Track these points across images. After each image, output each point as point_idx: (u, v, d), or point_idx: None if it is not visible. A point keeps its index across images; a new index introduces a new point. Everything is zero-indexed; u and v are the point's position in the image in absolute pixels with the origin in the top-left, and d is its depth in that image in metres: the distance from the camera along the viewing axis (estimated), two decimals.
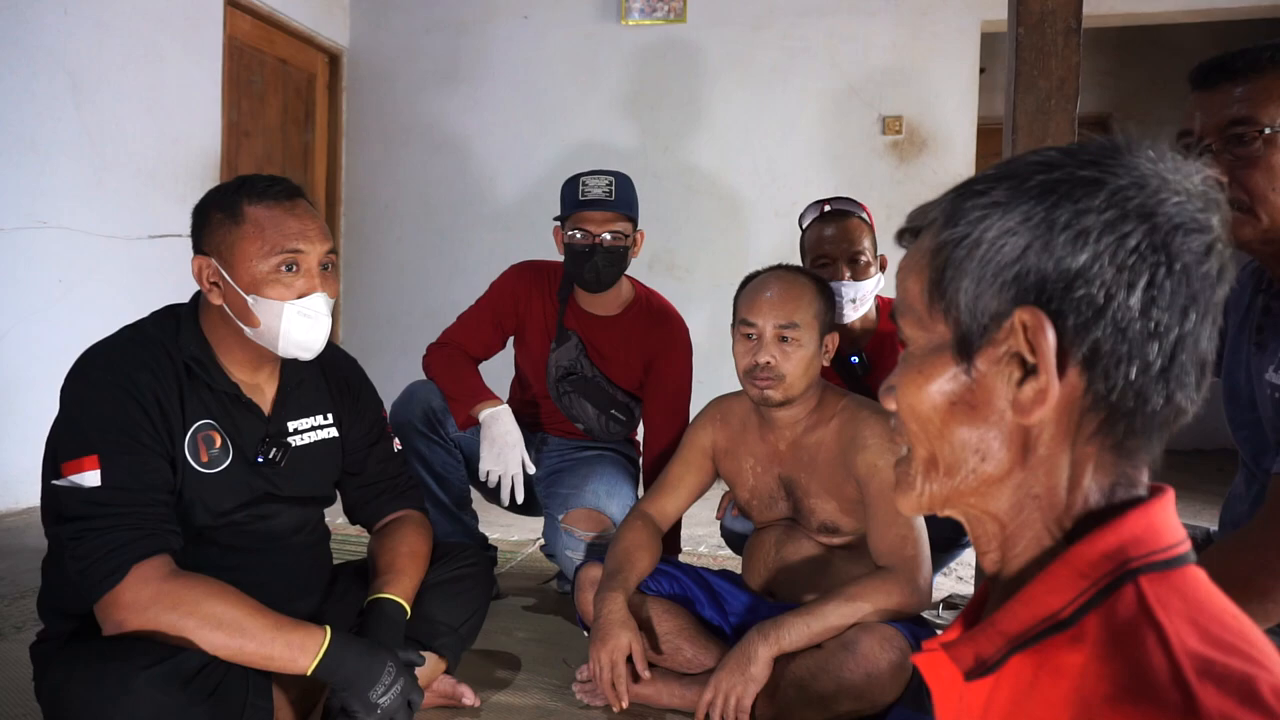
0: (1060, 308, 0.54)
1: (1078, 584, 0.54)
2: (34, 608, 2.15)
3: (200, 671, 1.25)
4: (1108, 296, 0.53)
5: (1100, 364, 0.54)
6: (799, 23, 4.37)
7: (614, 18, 4.53)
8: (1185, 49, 5.12)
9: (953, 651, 0.59)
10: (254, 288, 1.37)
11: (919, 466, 0.61)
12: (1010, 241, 0.55)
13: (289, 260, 1.38)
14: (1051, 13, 1.65)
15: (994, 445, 0.58)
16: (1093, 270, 0.53)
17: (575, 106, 4.61)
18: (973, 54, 4.26)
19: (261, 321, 1.38)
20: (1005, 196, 0.56)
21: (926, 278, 0.60)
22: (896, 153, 4.33)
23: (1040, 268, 0.54)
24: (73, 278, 3.30)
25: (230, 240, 1.37)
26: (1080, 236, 0.53)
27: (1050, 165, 0.56)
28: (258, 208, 1.37)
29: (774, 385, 1.68)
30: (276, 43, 4.40)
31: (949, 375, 0.59)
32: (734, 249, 4.43)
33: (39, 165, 3.16)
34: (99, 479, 1.27)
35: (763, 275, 1.76)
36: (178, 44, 3.74)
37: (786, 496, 1.80)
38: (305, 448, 1.54)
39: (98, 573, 1.25)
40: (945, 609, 2.34)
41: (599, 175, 2.32)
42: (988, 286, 0.56)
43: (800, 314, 1.68)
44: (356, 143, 4.85)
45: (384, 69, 4.82)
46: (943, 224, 0.59)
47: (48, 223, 3.19)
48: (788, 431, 1.78)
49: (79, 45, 3.29)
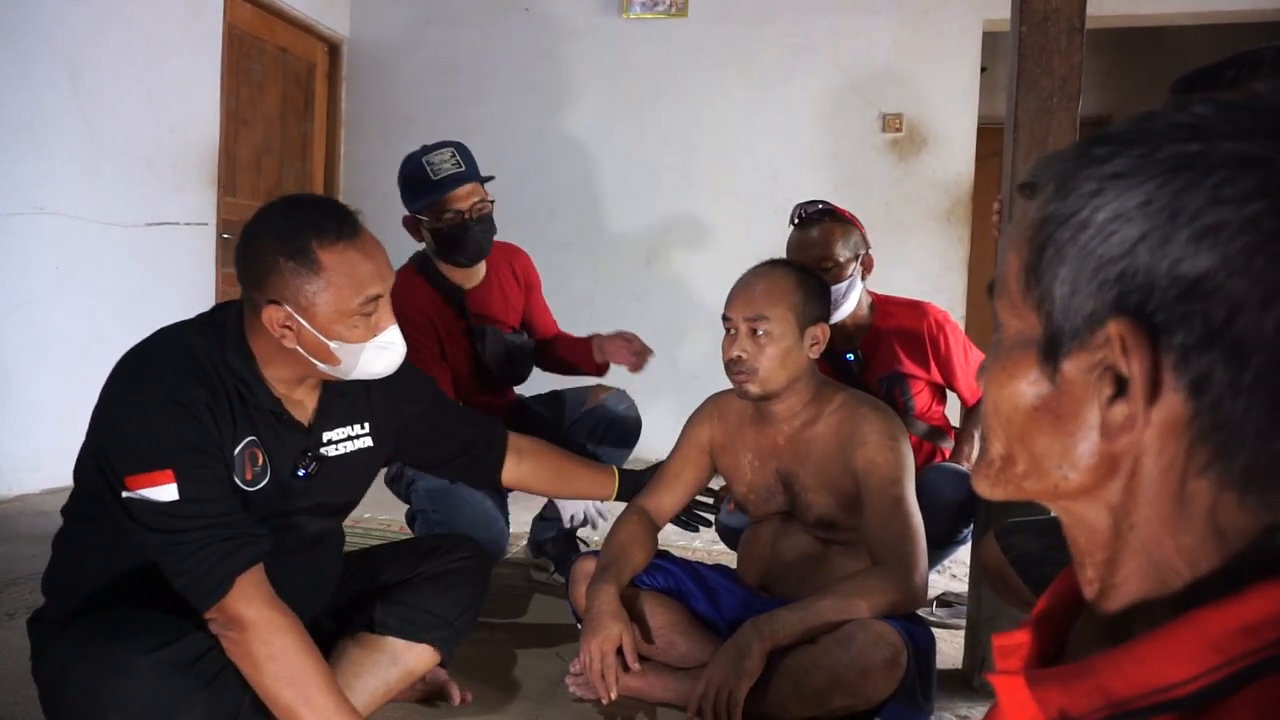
0: (1168, 320, 0.44)
1: (1208, 658, 0.43)
2: (25, 595, 2.15)
3: (200, 659, 1.25)
4: (1231, 313, 0.42)
5: (1210, 393, 0.44)
6: (801, 19, 4.36)
7: (615, 11, 4.51)
8: (1186, 51, 5.12)
9: (1038, 691, 0.48)
10: (335, 334, 1.34)
11: (996, 460, 0.54)
12: (1123, 229, 0.45)
13: (371, 308, 1.36)
14: (1055, 11, 1.65)
15: (1081, 461, 0.49)
16: (1217, 280, 0.42)
17: (575, 99, 4.61)
18: (974, 53, 4.26)
19: (342, 361, 1.37)
20: (1129, 167, 0.45)
21: (1025, 256, 0.50)
22: (896, 151, 4.33)
23: (1151, 268, 0.44)
24: (69, 265, 3.28)
25: (309, 290, 1.31)
26: (1209, 234, 0.42)
27: (1194, 131, 0.44)
28: (331, 253, 1.32)
29: (748, 379, 1.69)
30: (276, 31, 4.38)
31: (1033, 376, 0.50)
32: (732, 244, 4.42)
33: (36, 152, 3.14)
34: (175, 493, 1.25)
35: (747, 271, 1.78)
36: (177, 31, 3.72)
37: (784, 490, 1.80)
38: (339, 458, 1.52)
39: (203, 586, 1.26)
40: (939, 606, 2.35)
41: (440, 150, 2.28)
42: (1087, 281, 0.46)
43: (771, 306, 1.67)
44: (356, 133, 4.84)
45: (384, 59, 4.80)
46: (1052, 193, 0.49)
47: (44, 209, 3.18)
48: (785, 425, 1.78)
49: (78, 31, 3.27)
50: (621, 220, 4.61)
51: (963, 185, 4.28)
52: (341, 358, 1.37)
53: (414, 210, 2.32)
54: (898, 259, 4.07)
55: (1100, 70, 5.46)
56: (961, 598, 2.32)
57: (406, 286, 2.39)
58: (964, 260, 4.30)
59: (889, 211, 4.32)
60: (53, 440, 3.20)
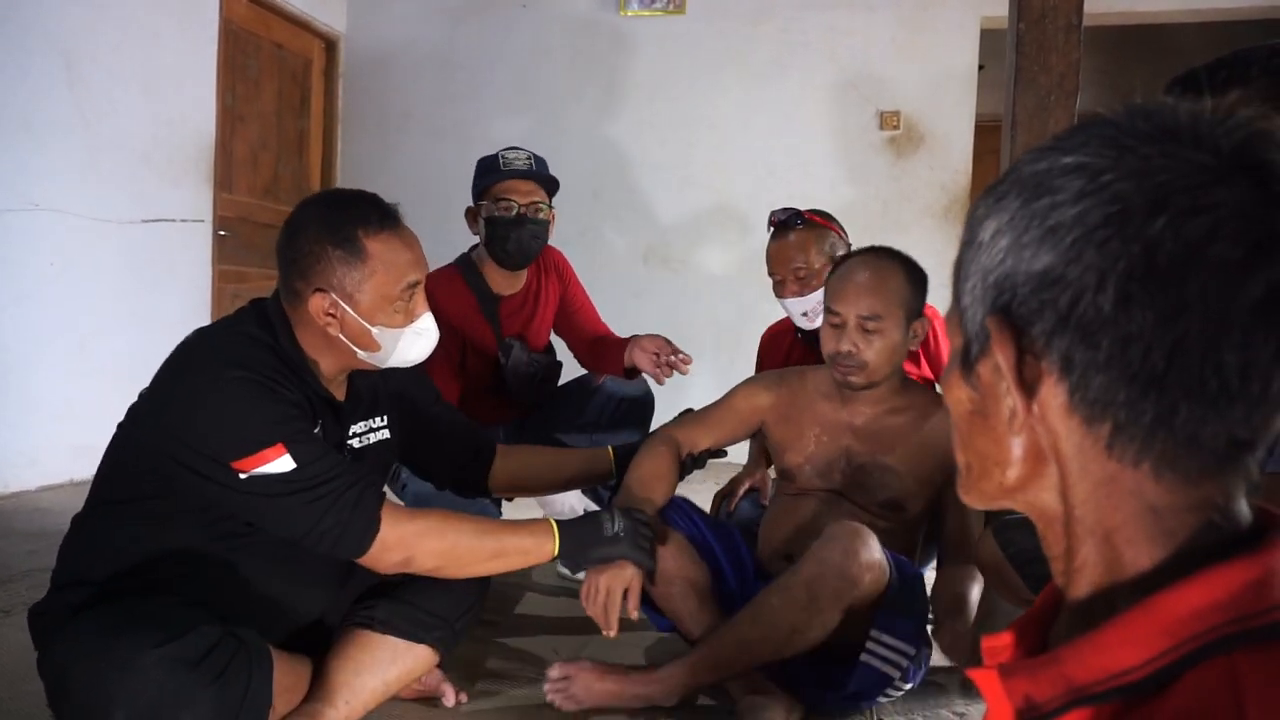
0: (1027, 314, 0.49)
1: (1159, 641, 0.46)
2: (22, 592, 2.15)
3: (209, 653, 1.24)
4: (1074, 299, 0.47)
5: (1074, 373, 0.48)
6: (798, 16, 4.36)
7: (613, 8, 4.51)
8: (1184, 49, 5.12)
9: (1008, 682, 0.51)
10: (377, 319, 1.42)
11: (962, 470, 0.58)
12: (998, 242, 0.51)
13: (411, 294, 1.44)
14: (1053, 8, 1.65)
15: (1013, 454, 0.53)
16: (1059, 270, 0.48)
17: (572, 96, 4.60)
18: (971, 50, 4.26)
19: (382, 346, 1.44)
20: (1004, 191, 0.52)
21: (952, 283, 0.57)
22: (893, 148, 4.33)
23: (1014, 270, 0.50)
24: (65, 261, 3.27)
25: (356, 278, 1.40)
26: (1050, 234, 0.48)
27: (1040, 154, 0.51)
28: (376, 242, 1.40)
29: (856, 372, 1.71)
30: (273, 27, 4.37)
31: (960, 384, 0.56)
32: (730, 242, 4.43)
33: (32, 147, 3.13)
34: (291, 463, 1.31)
35: (852, 259, 1.77)
36: (173, 26, 3.71)
37: (847, 468, 1.79)
38: (363, 450, 1.56)
39: (355, 533, 1.35)
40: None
41: (517, 149, 2.34)
42: (981, 293, 0.53)
43: (884, 304, 1.68)
44: (352, 129, 4.83)
45: (381, 56, 4.79)
46: (964, 228, 0.57)
47: (40, 205, 3.17)
48: (867, 408, 1.79)
49: (74, 26, 3.26)
50: (618, 217, 4.61)
51: (960, 183, 4.28)
52: (382, 343, 1.44)
53: (475, 192, 2.35)
54: None
55: (1097, 68, 5.46)
56: None
57: (443, 287, 2.39)
58: None
59: (886, 209, 4.32)
60: (49, 436, 3.20)
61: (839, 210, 2.34)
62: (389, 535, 1.37)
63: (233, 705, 1.26)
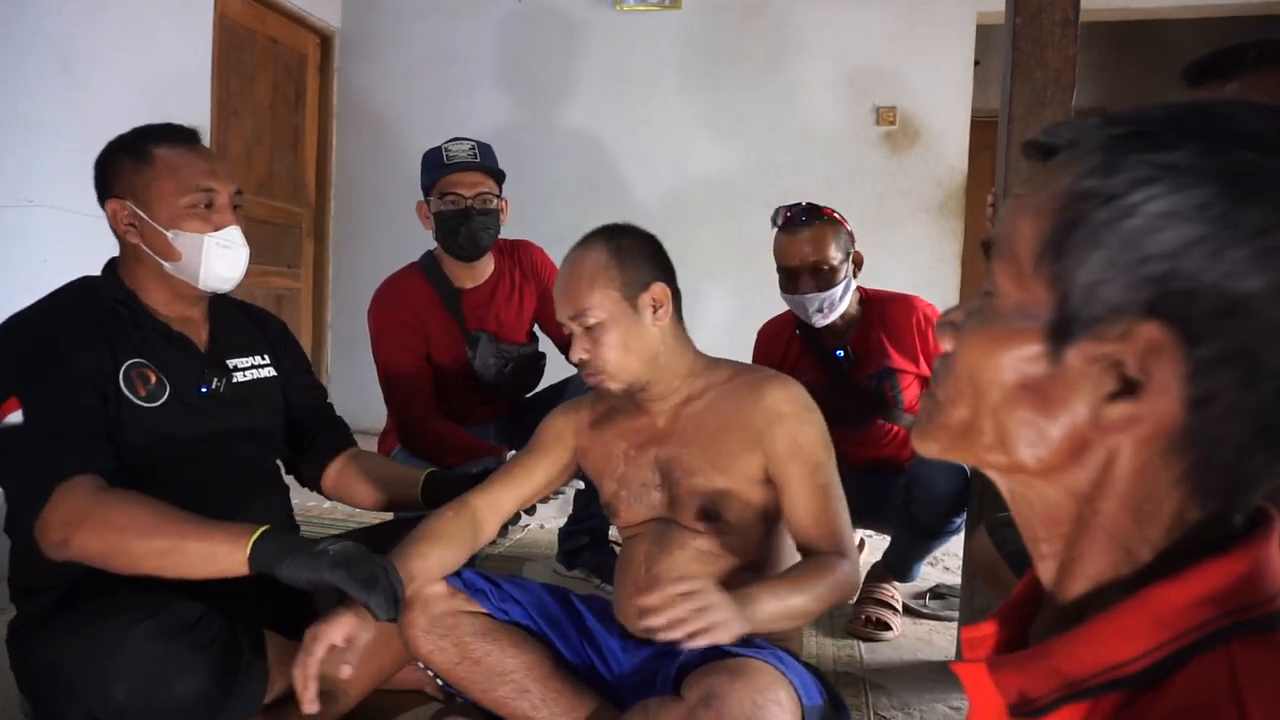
0: (1198, 333, 0.42)
1: (1156, 634, 0.45)
2: None
3: (197, 623, 1.26)
4: (1264, 339, 0.42)
5: (1212, 410, 0.43)
6: (793, 12, 4.35)
7: (608, 3, 4.50)
8: (1178, 45, 5.12)
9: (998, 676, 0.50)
10: (173, 223, 1.45)
11: (953, 425, 0.51)
12: (1173, 228, 0.42)
13: (205, 199, 1.47)
14: (1049, 3, 1.65)
15: (1052, 444, 0.48)
16: (1260, 304, 0.41)
17: (567, 92, 4.59)
18: (968, 45, 4.26)
19: (183, 255, 1.46)
20: (1189, 162, 0.43)
21: (1047, 227, 0.47)
22: (889, 144, 4.33)
23: (1197, 277, 0.42)
24: (60, 258, 3.26)
25: (144, 182, 1.46)
26: (1265, 256, 0.41)
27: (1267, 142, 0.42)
28: (165, 149, 1.47)
29: (601, 377, 1.47)
30: (267, 22, 4.36)
31: (1029, 354, 0.47)
32: (726, 237, 4.42)
33: (27, 143, 3.12)
34: (21, 416, 1.30)
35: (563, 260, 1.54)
36: (169, 21, 3.69)
37: (661, 484, 1.51)
38: (248, 384, 1.59)
39: (25, 500, 1.27)
40: (932, 598, 2.36)
41: (461, 140, 2.36)
42: (1121, 273, 0.44)
43: (585, 296, 1.44)
44: (347, 125, 4.82)
45: (376, 51, 4.78)
46: (1094, 167, 0.46)
47: (35, 202, 3.16)
48: (662, 405, 1.54)
49: (70, 22, 3.25)
50: (614, 213, 4.55)
51: (956, 179, 4.28)
52: (183, 251, 1.46)
53: (423, 189, 2.35)
54: (891, 252, 4.08)
55: (1093, 64, 5.46)
56: (954, 590, 2.33)
57: (403, 282, 2.39)
58: (957, 254, 4.30)
59: (882, 204, 4.32)
60: None
61: (834, 205, 2.34)
62: (51, 515, 1.24)
63: (229, 672, 1.27)
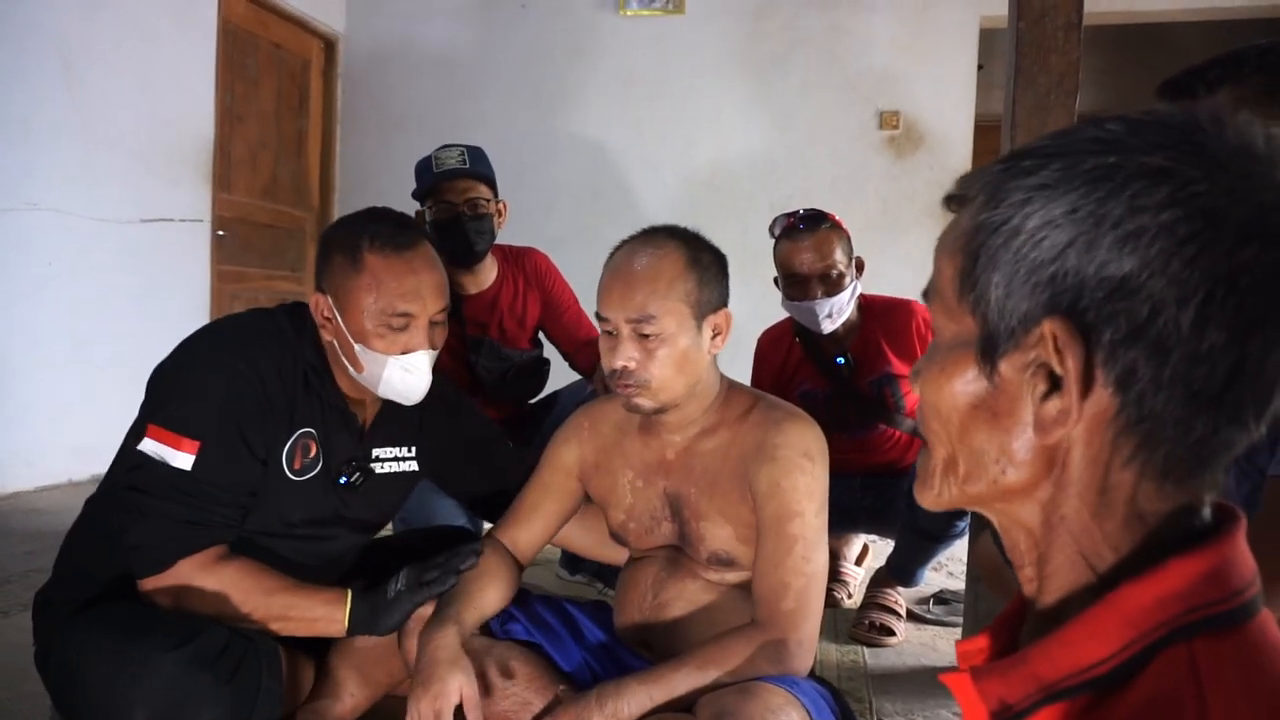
0: (1096, 320, 0.47)
1: (1124, 634, 0.47)
2: (19, 593, 2.14)
3: (222, 653, 1.26)
4: (1153, 312, 0.45)
5: (1135, 386, 0.47)
6: (798, 16, 4.36)
7: (612, 8, 4.50)
8: (1183, 48, 5.11)
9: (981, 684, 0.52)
10: (362, 338, 1.37)
11: (938, 465, 0.56)
12: (1051, 235, 0.48)
13: (401, 323, 1.37)
14: (1053, 7, 1.65)
15: (1018, 456, 0.51)
16: (1139, 280, 0.45)
17: (572, 96, 4.59)
18: (971, 50, 4.26)
19: (366, 368, 1.39)
20: (1054, 179, 0.48)
21: (959, 263, 0.53)
22: (893, 148, 4.33)
23: (1080, 270, 0.47)
24: (63, 261, 3.27)
25: (347, 286, 1.36)
26: (1130, 239, 0.45)
27: (1110, 146, 0.47)
28: (377, 257, 1.35)
29: (639, 392, 1.32)
30: (271, 26, 4.37)
31: (970, 376, 0.52)
32: (731, 241, 4.37)
33: (29, 146, 3.13)
34: (190, 464, 1.28)
35: (617, 251, 1.38)
36: (172, 25, 3.70)
37: (672, 517, 1.42)
38: (384, 477, 1.54)
39: (146, 558, 1.29)
40: (936, 604, 2.35)
41: (450, 148, 2.34)
42: (1020, 284, 0.49)
43: (657, 301, 1.29)
44: (351, 130, 4.83)
45: (380, 56, 4.79)
46: (983, 203, 0.52)
47: (37, 205, 3.16)
48: (677, 436, 1.41)
49: (72, 25, 3.26)
50: (619, 216, 4.59)
51: None
52: (365, 364, 1.39)
53: (417, 197, 2.35)
54: (894, 256, 4.06)
55: (1096, 67, 5.46)
56: (958, 595, 2.32)
57: None
58: None
59: (886, 208, 4.32)
60: (46, 437, 3.19)
61: (838, 210, 2.33)
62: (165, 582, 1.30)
63: (247, 701, 1.28)
